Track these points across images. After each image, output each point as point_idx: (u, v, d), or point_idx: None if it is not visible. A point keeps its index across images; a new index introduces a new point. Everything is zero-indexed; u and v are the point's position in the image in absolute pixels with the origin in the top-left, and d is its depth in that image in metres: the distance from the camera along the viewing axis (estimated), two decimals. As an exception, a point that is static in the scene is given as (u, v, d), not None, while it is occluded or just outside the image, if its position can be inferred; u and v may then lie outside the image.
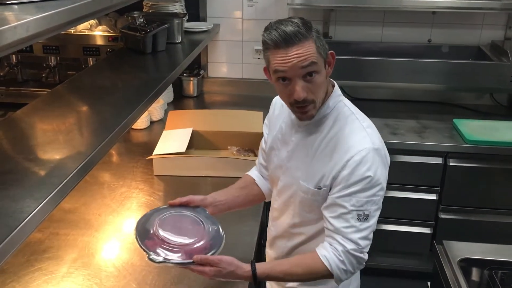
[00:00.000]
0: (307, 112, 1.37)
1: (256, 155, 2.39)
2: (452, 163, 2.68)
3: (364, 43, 3.11)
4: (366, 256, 1.37)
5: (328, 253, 1.34)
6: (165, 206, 1.58)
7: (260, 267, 1.39)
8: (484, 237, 2.28)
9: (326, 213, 1.38)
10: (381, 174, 1.34)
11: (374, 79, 2.92)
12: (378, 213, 1.37)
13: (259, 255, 1.89)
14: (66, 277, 1.62)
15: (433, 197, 2.78)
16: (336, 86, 1.46)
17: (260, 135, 2.43)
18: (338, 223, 1.34)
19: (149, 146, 2.42)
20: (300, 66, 1.28)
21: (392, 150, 2.68)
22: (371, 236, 1.36)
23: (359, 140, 1.34)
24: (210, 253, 1.39)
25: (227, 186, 2.18)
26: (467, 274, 1.73)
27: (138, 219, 1.52)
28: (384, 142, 2.60)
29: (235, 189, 1.68)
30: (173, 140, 2.38)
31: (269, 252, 1.67)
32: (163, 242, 1.39)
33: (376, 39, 3.12)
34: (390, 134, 2.77)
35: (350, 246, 1.33)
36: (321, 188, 1.39)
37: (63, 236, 1.84)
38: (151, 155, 2.28)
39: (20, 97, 2.90)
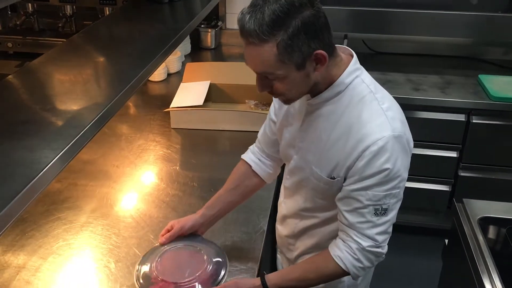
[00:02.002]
0: (283, 100, 1.24)
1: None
2: (475, 120, 2.62)
3: (388, -6, 3.00)
4: (385, 250, 1.24)
5: (341, 252, 1.23)
6: (156, 245, 1.47)
7: (270, 278, 1.29)
8: (504, 196, 2.24)
9: (340, 206, 1.24)
10: (402, 164, 1.17)
11: (397, 32, 2.83)
12: (398, 205, 1.22)
13: (276, 212, 1.89)
14: (85, 226, 1.64)
15: (453, 154, 2.73)
16: (355, 58, 1.23)
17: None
18: (353, 218, 1.21)
19: (166, 99, 2.40)
20: (253, 69, 1.14)
21: (414, 106, 2.65)
22: (390, 229, 1.23)
23: (377, 127, 1.15)
24: (220, 277, 1.35)
25: (245, 140, 2.17)
26: (486, 233, 1.72)
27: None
28: (406, 98, 2.60)
29: (227, 193, 1.49)
30: (190, 93, 2.35)
31: (279, 229, 1.56)
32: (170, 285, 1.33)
33: (401, -10, 3.00)
34: (412, 89, 2.70)
35: (366, 243, 1.20)
36: (334, 178, 1.23)
37: (82, 186, 1.85)
38: (168, 107, 2.27)
39: (37, 46, 2.88)
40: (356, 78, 1.21)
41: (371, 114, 1.17)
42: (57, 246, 1.55)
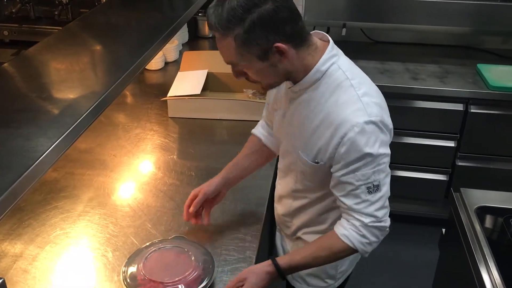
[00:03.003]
0: (261, 87, 1.31)
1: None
2: (473, 109, 2.61)
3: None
4: (387, 223, 1.29)
5: (346, 230, 1.28)
6: (143, 246, 1.46)
7: (280, 260, 1.34)
8: (501, 185, 2.25)
9: (336, 192, 1.30)
10: (381, 144, 1.22)
11: (395, 20, 2.82)
12: (388, 179, 1.27)
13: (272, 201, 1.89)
14: (83, 215, 1.64)
15: (451, 144, 2.74)
16: (331, 45, 1.26)
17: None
18: (349, 201, 1.26)
19: (164, 88, 2.39)
20: (223, 58, 1.23)
21: (412, 95, 2.65)
22: (387, 203, 1.28)
23: (353, 113, 1.19)
24: (205, 282, 1.33)
25: (242, 129, 2.16)
26: (483, 222, 1.72)
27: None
28: (404, 87, 2.59)
29: (244, 159, 1.60)
30: (188, 82, 2.34)
31: (277, 207, 1.63)
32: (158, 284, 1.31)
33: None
34: (410, 79, 2.70)
35: (367, 220, 1.25)
36: (318, 163, 1.30)
37: (79, 175, 1.85)
38: (166, 96, 2.26)
39: (33, 34, 2.85)
40: (333, 65, 1.24)
41: (347, 100, 1.22)
42: (54, 235, 1.55)
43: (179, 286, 1.30)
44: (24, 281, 1.38)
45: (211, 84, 2.39)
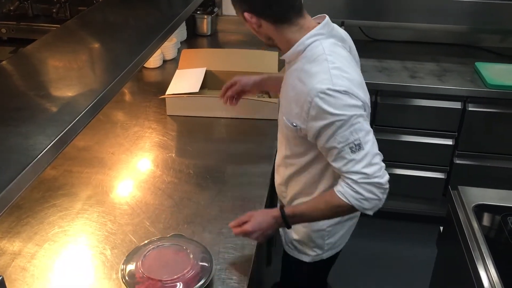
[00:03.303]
0: None
1: (270, 96, 2.35)
2: (471, 108, 2.62)
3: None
4: (382, 179, 1.35)
5: (342, 187, 1.38)
6: (142, 244, 1.46)
7: (286, 208, 1.47)
8: (499, 183, 2.25)
9: (328, 160, 1.41)
10: (350, 107, 1.32)
11: (394, 19, 2.81)
12: (369, 137, 1.35)
13: (272, 199, 1.89)
14: (81, 213, 1.64)
15: (449, 142, 2.74)
16: (323, 23, 1.40)
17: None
18: (338, 164, 1.37)
19: (162, 86, 2.39)
20: None
21: (410, 93, 2.65)
22: (375, 160, 1.35)
23: (319, 82, 1.32)
24: (203, 280, 1.33)
25: (241, 127, 2.17)
26: (480, 220, 1.73)
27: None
28: (402, 85, 2.59)
29: (279, 76, 1.76)
30: (186, 80, 2.34)
31: (276, 177, 1.74)
32: (157, 282, 1.31)
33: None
34: (408, 77, 2.70)
35: (356, 177, 1.34)
36: (295, 126, 1.42)
37: (77, 173, 1.85)
38: (164, 94, 2.25)
39: (31, 32, 2.84)
40: (316, 41, 1.39)
41: (318, 71, 1.34)
42: (53, 233, 1.55)
43: (178, 284, 1.30)
44: (23, 279, 1.38)
45: (210, 82, 2.39)
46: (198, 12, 3.12)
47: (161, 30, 1.72)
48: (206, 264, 1.37)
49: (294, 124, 1.43)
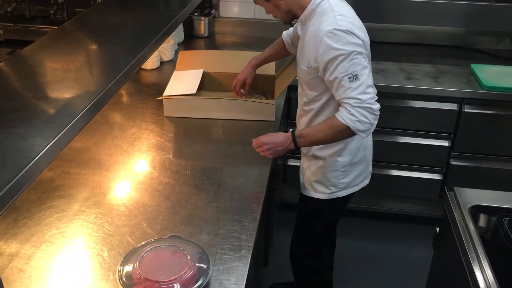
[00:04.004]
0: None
1: (267, 98, 2.36)
2: (467, 109, 2.63)
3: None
4: (374, 106, 1.64)
5: (340, 111, 1.67)
6: (139, 245, 1.47)
7: (296, 131, 1.79)
8: (495, 185, 2.26)
9: (332, 91, 1.71)
10: (351, 45, 1.62)
11: (390, 21, 2.83)
12: (366, 71, 1.65)
13: (270, 200, 1.90)
14: (78, 215, 1.64)
15: (445, 143, 2.75)
16: None
17: (272, 77, 2.40)
18: (339, 92, 1.66)
19: (159, 87, 2.40)
20: None
21: (406, 95, 2.66)
22: (369, 90, 1.64)
23: (327, 25, 1.64)
24: (201, 281, 1.34)
25: (238, 128, 2.17)
26: (476, 221, 1.73)
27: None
28: (398, 87, 2.60)
29: (272, 49, 2.24)
30: (183, 81, 2.34)
31: (297, 128, 1.98)
32: (154, 283, 1.31)
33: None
34: (404, 78, 2.71)
35: (352, 101, 1.63)
36: (310, 67, 1.73)
37: (74, 175, 1.85)
38: (161, 96, 2.26)
39: (28, 34, 2.85)
40: (323, 0, 1.71)
41: (326, 19, 1.67)
42: (50, 234, 1.55)
43: (175, 285, 1.31)
44: (20, 280, 1.38)
45: (207, 84, 2.40)
46: (195, 13, 3.13)
47: (158, 32, 1.73)
48: (204, 265, 1.38)
49: (309, 66, 1.73)
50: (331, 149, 1.90)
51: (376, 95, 1.67)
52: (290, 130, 1.81)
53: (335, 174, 1.93)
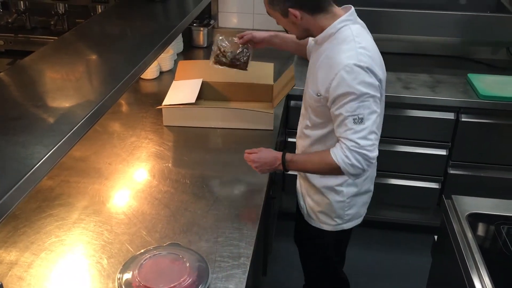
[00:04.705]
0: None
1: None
2: (464, 118, 2.65)
3: (379, -7, 3.02)
4: (372, 154, 1.57)
5: (336, 149, 1.61)
6: (138, 253, 1.48)
7: (287, 154, 1.73)
8: (492, 193, 2.27)
9: (334, 125, 1.64)
10: (366, 85, 1.54)
11: (387, 31, 2.84)
12: (373, 116, 1.57)
13: (268, 208, 1.91)
14: (77, 223, 1.65)
15: (443, 152, 2.76)
16: (350, 12, 1.64)
17: (271, 86, 2.42)
18: (340, 130, 1.60)
19: (159, 97, 2.41)
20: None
21: (404, 104, 2.68)
22: (371, 137, 1.57)
23: (346, 58, 1.55)
24: (204, 283, 1.35)
25: (237, 137, 2.19)
26: (474, 229, 1.74)
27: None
28: (396, 96, 2.62)
29: (287, 37, 2.05)
30: (182, 91, 2.36)
31: (296, 151, 1.96)
32: None
33: (392, -11, 3.02)
34: (402, 88, 2.73)
35: (350, 143, 1.57)
36: (319, 96, 1.64)
37: (74, 183, 1.85)
38: (161, 105, 2.27)
39: (29, 44, 2.87)
40: (345, 26, 1.62)
41: (346, 49, 1.58)
42: (49, 242, 1.56)
43: None
44: (19, 288, 1.39)
45: (206, 93, 2.41)
46: (194, 24, 3.15)
47: (157, 42, 1.75)
48: (203, 273, 1.38)
49: (319, 94, 1.65)
50: (335, 180, 1.83)
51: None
52: (282, 152, 1.75)
53: (340, 205, 1.86)
